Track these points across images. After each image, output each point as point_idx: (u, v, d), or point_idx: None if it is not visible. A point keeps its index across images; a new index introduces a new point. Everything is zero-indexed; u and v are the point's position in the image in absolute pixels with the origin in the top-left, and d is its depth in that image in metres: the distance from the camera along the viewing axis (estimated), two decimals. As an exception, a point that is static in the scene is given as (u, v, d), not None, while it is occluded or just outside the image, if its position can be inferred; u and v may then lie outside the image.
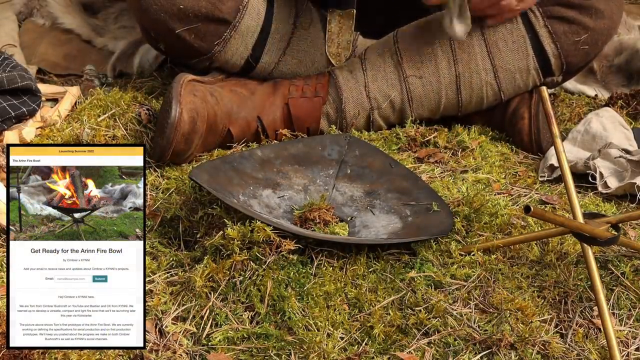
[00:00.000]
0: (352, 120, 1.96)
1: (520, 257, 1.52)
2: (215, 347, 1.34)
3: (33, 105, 2.03)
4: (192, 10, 1.88)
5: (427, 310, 1.39)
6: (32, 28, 2.68)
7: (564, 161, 1.44)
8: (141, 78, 2.30)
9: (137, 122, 1.98)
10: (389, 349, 1.33)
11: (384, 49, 1.96)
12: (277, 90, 1.96)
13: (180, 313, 1.40)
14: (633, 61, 2.31)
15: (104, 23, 2.64)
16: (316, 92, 1.94)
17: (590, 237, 1.37)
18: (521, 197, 1.74)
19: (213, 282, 1.43)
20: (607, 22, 1.90)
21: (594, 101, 2.27)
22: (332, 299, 1.41)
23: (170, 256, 1.55)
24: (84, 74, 2.37)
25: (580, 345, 1.34)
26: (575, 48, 1.91)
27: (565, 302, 1.42)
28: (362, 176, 1.72)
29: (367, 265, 1.48)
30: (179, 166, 1.83)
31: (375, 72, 1.95)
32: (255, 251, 1.44)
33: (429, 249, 1.52)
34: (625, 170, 1.74)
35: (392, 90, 1.94)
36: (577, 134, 1.95)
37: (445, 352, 1.32)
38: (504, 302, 1.40)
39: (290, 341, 1.33)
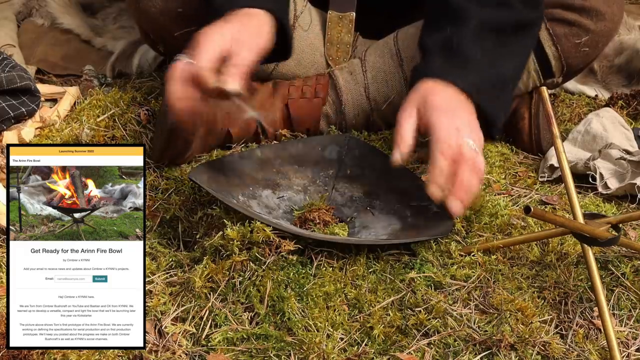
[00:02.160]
0: (352, 121, 1.96)
1: (520, 257, 1.52)
2: (214, 347, 1.34)
3: (32, 106, 2.03)
4: (191, 12, 1.88)
5: (427, 311, 1.39)
6: (31, 28, 2.68)
7: (564, 161, 1.44)
8: (140, 78, 2.30)
9: (136, 123, 1.98)
10: (388, 349, 1.33)
11: (384, 50, 1.96)
12: (277, 91, 1.95)
13: (179, 314, 1.40)
14: (633, 61, 2.31)
15: (103, 23, 2.65)
16: (316, 93, 1.93)
17: (591, 238, 1.37)
18: (521, 198, 1.74)
19: (212, 283, 1.43)
20: (607, 24, 1.89)
21: (594, 101, 2.26)
22: (332, 299, 1.41)
23: (169, 257, 1.55)
24: (83, 74, 2.37)
25: (580, 346, 1.34)
26: (576, 50, 1.91)
27: (565, 303, 1.42)
28: (362, 177, 1.72)
29: (366, 265, 1.48)
30: (178, 167, 1.82)
31: (375, 73, 1.94)
32: (254, 251, 1.44)
33: (428, 250, 1.52)
34: (625, 171, 1.74)
35: (393, 92, 1.94)
36: (577, 134, 1.95)
37: (445, 353, 1.32)
38: (504, 302, 1.39)
39: (289, 342, 1.33)
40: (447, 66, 1.62)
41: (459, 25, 1.66)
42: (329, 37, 2.00)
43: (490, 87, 1.65)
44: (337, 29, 2.00)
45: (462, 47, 1.64)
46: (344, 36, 2.00)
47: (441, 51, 1.65)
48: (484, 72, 1.64)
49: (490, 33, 1.67)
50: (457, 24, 1.66)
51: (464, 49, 1.64)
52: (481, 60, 1.64)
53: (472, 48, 1.64)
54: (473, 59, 1.64)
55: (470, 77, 1.61)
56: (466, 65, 1.63)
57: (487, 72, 1.65)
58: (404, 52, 1.94)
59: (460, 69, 1.62)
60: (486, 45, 1.66)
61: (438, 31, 1.68)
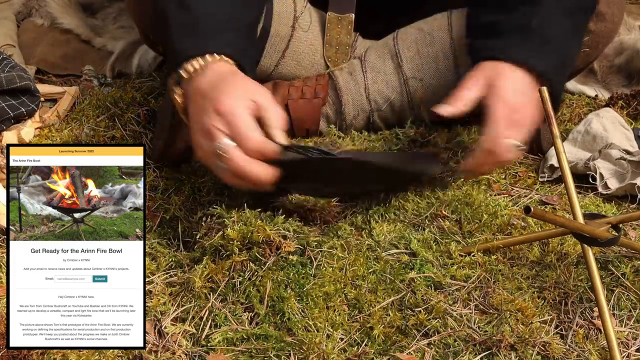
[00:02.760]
0: (352, 122, 1.96)
1: (521, 257, 1.52)
2: (214, 348, 1.33)
3: (32, 106, 2.03)
4: None
5: (427, 311, 1.39)
6: (31, 28, 2.68)
7: (564, 162, 1.44)
8: (140, 78, 2.29)
9: (136, 123, 1.97)
10: (388, 350, 1.33)
11: (384, 50, 1.96)
12: (277, 92, 1.95)
13: (179, 314, 1.40)
14: (634, 61, 2.31)
15: (102, 23, 2.65)
16: (316, 93, 1.93)
17: (591, 238, 1.37)
18: (521, 198, 1.74)
19: (212, 283, 1.43)
20: (608, 25, 1.89)
21: (594, 101, 2.26)
22: (332, 299, 1.41)
23: (169, 257, 1.54)
24: (83, 74, 2.37)
25: (580, 346, 1.34)
26: (577, 51, 1.91)
27: (565, 303, 1.42)
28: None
29: (366, 266, 1.48)
30: (178, 167, 1.82)
31: (375, 74, 1.94)
32: (254, 251, 1.44)
33: (428, 250, 1.52)
34: (625, 171, 1.74)
35: (392, 93, 1.94)
36: (577, 134, 1.95)
37: (445, 353, 1.32)
38: (504, 302, 1.39)
39: (289, 342, 1.33)
40: (525, 47, 1.63)
41: (533, 4, 1.65)
42: (328, 38, 2.00)
43: (562, 68, 1.67)
44: (336, 30, 1.99)
45: (543, 27, 1.64)
46: (343, 37, 1.99)
47: (519, 31, 1.64)
48: (560, 53, 1.65)
49: (563, 13, 1.67)
50: (532, 4, 1.66)
51: (545, 29, 1.64)
52: (560, 41, 1.65)
53: (552, 28, 1.64)
54: (554, 40, 1.64)
55: (549, 59, 1.62)
56: (545, 47, 1.63)
57: (562, 52, 1.66)
58: (404, 53, 1.93)
59: (538, 50, 1.62)
60: (564, 26, 1.66)
61: (508, 11, 1.67)
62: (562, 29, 1.66)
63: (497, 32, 1.67)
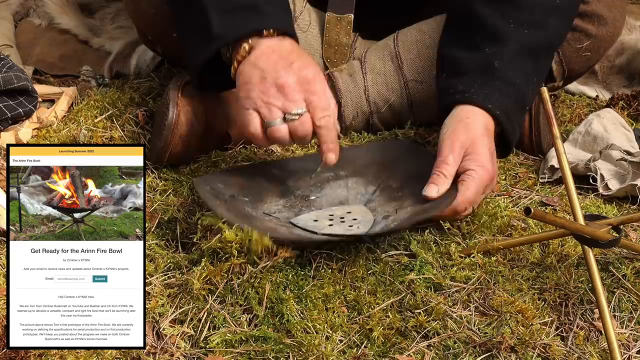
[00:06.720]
0: (351, 123, 1.95)
1: (521, 259, 1.52)
2: (213, 350, 1.33)
3: (29, 106, 2.02)
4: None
5: (427, 313, 1.38)
6: (29, 28, 2.68)
7: (564, 162, 1.44)
8: (138, 79, 2.29)
9: (134, 124, 1.97)
10: (388, 351, 1.33)
11: (385, 52, 1.95)
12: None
13: (177, 316, 1.40)
14: (634, 62, 2.32)
15: (100, 23, 2.64)
16: (315, 94, 1.93)
17: (591, 239, 1.37)
18: (521, 199, 1.74)
19: (211, 285, 1.43)
20: (610, 29, 1.89)
21: (595, 102, 2.27)
22: (331, 301, 1.40)
23: (167, 258, 1.54)
24: (81, 75, 2.37)
25: (581, 348, 1.34)
26: (578, 55, 1.91)
27: (566, 305, 1.42)
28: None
29: (366, 267, 1.48)
30: (176, 168, 1.82)
31: (375, 75, 1.94)
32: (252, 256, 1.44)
33: (428, 251, 1.52)
34: (626, 172, 1.74)
35: (392, 95, 1.94)
36: (578, 135, 1.95)
37: (445, 355, 1.32)
38: (504, 304, 1.39)
39: (288, 344, 1.33)
40: (485, 88, 1.63)
41: (498, 46, 1.65)
42: (327, 39, 2.00)
43: (517, 110, 1.67)
44: (335, 31, 1.99)
45: (506, 70, 1.64)
46: (342, 38, 1.99)
47: (481, 72, 1.65)
48: (517, 96, 1.65)
49: (528, 55, 1.67)
50: (496, 44, 1.65)
51: (508, 72, 1.64)
52: (518, 84, 1.65)
53: (512, 71, 1.64)
54: (513, 83, 1.64)
55: (504, 101, 1.62)
56: (503, 89, 1.63)
57: (519, 95, 1.66)
58: (404, 55, 1.93)
59: (498, 91, 1.63)
60: (525, 68, 1.66)
61: (475, 48, 1.67)
62: (523, 71, 1.66)
63: (462, 71, 1.67)
